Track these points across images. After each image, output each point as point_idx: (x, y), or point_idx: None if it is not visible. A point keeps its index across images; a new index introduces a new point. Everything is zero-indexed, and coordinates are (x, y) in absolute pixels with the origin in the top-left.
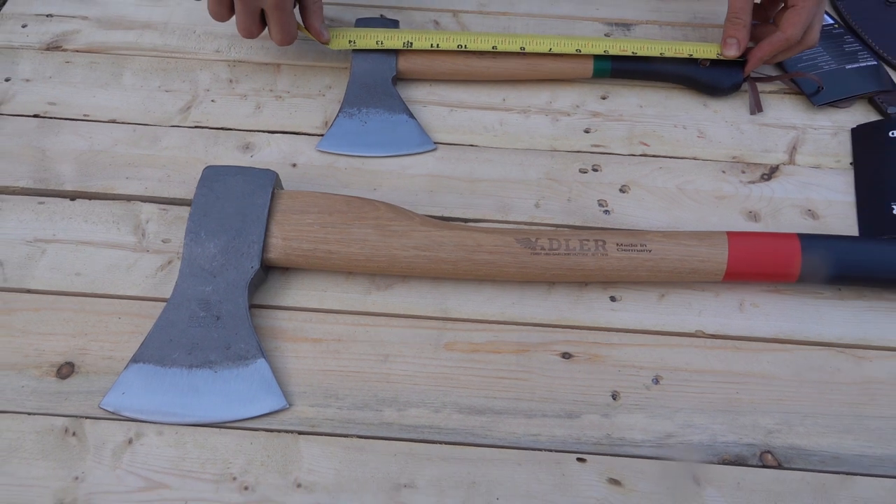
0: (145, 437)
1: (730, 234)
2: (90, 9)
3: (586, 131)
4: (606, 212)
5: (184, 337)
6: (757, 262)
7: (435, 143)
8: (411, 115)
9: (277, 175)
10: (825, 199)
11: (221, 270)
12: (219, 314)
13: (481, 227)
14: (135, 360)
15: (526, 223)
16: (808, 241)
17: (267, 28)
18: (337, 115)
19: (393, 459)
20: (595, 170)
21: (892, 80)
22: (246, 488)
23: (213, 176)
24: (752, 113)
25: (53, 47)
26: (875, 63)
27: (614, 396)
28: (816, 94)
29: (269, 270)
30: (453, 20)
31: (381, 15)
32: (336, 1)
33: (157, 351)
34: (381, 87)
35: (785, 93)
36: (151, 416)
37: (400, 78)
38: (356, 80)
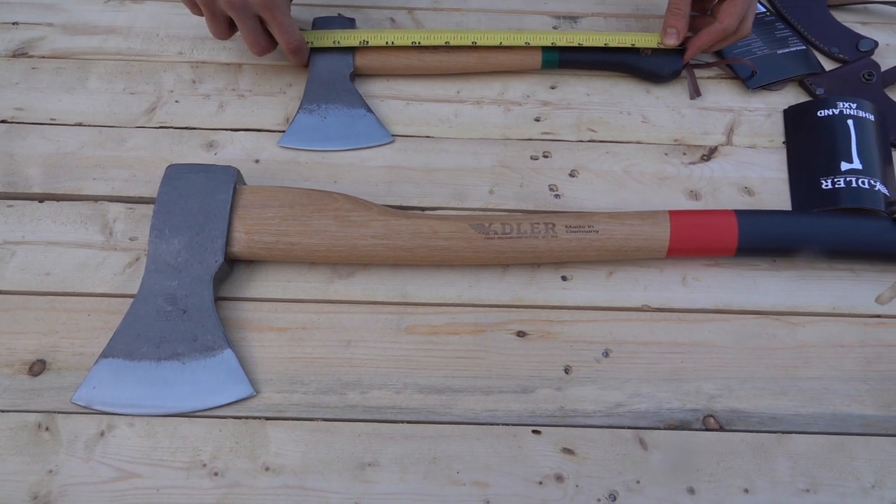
0: (117, 429)
1: (671, 212)
2: (55, 16)
3: (537, 120)
4: (557, 196)
5: (151, 331)
6: (697, 238)
7: (393, 135)
8: (369, 110)
9: (239, 171)
10: (760, 176)
11: (186, 265)
12: (185, 308)
13: (437, 215)
14: (104, 355)
15: (481, 209)
16: (744, 216)
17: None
18: (297, 112)
19: (357, 440)
20: (546, 156)
21: (819, 63)
22: (216, 474)
23: (176, 174)
24: (692, 98)
25: (20, 54)
26: (804, 48)
27: (566, 371)
28: (751, 79)
29: (233, 264)
30: (408, 17)
31: (339, 14)
32: (294, 2)
33: (125, 345)
34: (340, 83)
35: (722, 78)
36: (122, 409)
37: (357, 74)
38: (315, 78)
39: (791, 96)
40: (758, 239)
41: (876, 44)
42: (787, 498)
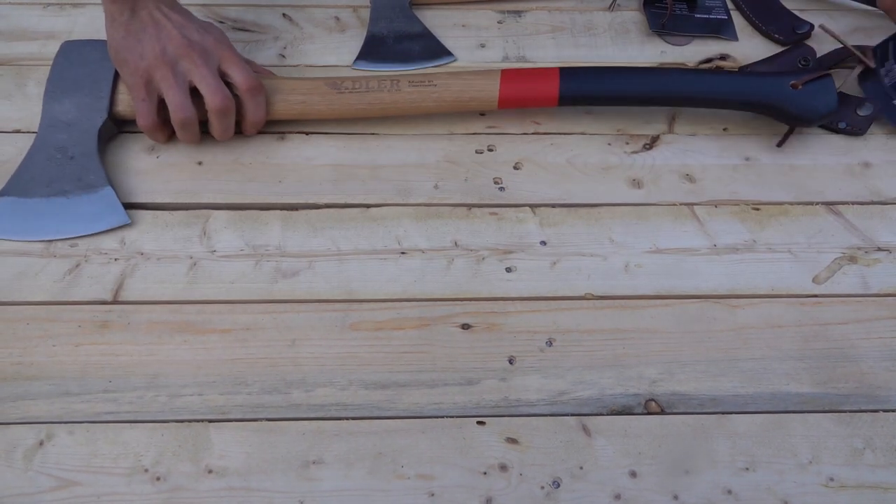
0: (56, 438)
1: (503, 70)
2: None
3: (482, 114)
4: (502, 188)
5: (43, 174)
6: (524, 90)
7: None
8: (430, 33)
9: None
10: (701, 163)
11: (76, 121)
12: (73, 155)
13: (295, 76)
14: (2, 194)
15: (426, 204)
16: (566, 70)
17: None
18: (365, 37)
19: (301, 438)
20: (490, 150)
21: (735, 33)
22: (158, 479)
23: (69, 48)
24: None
25: None
26: (725, 18)
27: (511, 361)
28: (661, 28)
29: (121, 125)
30: (353, 16)
31: (284, 14)
32: (235, 2)
33: (20, 186)
34: (400, 9)
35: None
36: (17, 237)
37: (414, 3)
38: (377, 5)
39: None
40: (575, 89)
41: (812, 26)
42: (727, 477)
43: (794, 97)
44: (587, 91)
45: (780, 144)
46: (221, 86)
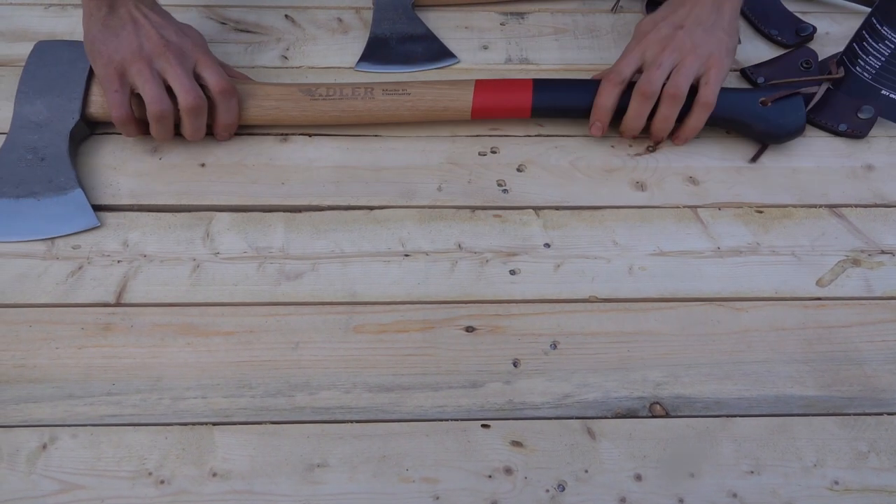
0: (59, 441)
1: (477, 80)
2: None
3: None
4: (505, 191)
5: (13, 175)
6: (497, 100)
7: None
8: (433, 35)
9: None
10: (704, 166)
11: (47, 122)
12: (44, 156)
13: (271, 82)
14: None
15: (429, 206)
16: (540, 82)
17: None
18: (368, 39)
19: (306, 441)
20: (494, 152)
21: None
22: (162, 482)
23: (43, 48)
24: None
25: None
26: None
27: (515, 364)
28: None
29: (94, 126)
30: (356, 17)
31: (286, 15)
32: (237, 3)
33: None
34: (403, 11)
35: None
36: None
37: (417, 5)
38: (380, 7)
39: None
40: (549, 101)
41: (814, 28)
42: (732, 480)
43: (762, 114)
44: (560, 103)
45: (753, 160)
46: (195, 86)
